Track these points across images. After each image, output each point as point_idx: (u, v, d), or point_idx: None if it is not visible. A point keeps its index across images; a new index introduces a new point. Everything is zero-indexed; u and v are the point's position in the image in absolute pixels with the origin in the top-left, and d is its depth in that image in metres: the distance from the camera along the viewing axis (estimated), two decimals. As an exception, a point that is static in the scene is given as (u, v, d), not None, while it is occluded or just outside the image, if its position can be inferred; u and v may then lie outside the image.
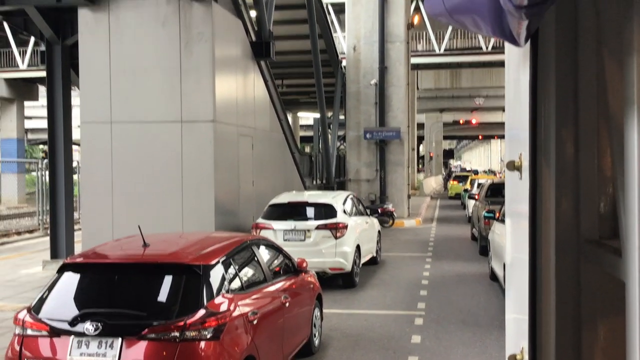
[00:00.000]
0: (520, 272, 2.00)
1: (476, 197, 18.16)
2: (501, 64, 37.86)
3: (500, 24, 1.49)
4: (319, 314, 7.34)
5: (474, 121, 51.66)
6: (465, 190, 27.40)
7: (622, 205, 1.53)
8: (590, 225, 1.77)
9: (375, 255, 13.02)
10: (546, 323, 1.84)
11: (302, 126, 47.98)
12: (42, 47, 13.37)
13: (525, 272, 1.87)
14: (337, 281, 10.92)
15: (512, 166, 2.02)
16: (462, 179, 38.25)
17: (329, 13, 29.21)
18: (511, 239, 2.33)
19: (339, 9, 29.55)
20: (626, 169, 1.46)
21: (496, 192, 16.20)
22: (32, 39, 29.44)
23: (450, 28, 32.74)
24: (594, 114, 1.76)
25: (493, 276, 11.00)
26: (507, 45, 2.24)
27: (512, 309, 2.28)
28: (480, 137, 74.59)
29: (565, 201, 1.78)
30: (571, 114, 1.77)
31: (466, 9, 1.60)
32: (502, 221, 10.34)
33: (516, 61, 2.03)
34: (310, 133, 43.00)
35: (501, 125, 56.15)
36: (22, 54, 32.69)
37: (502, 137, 68.91)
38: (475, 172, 52.51)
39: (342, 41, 28.09)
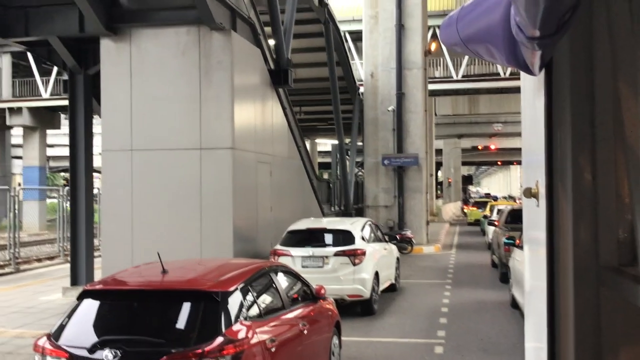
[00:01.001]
0: (539, 300, 1.98)
1: (496, 223, 18.00)
2: (519, 90, 37.83)
3: (514, 53, 1.50)
4: (337, 341, 7.28)
5: (492, 147, 51.44)
6: (485, 217, 27.18)
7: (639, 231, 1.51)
8: (609, 252, 1.75)
9: (394, 282, 12.92)
10: (565, 352, 1.81)
11: (320, 152, 48.15)
12: (65, 77, 13.64)
13: (544, 299, 1.85)
14: (356, 308, 10.83)
15: (529, 193, 2.02)
16: (481, 205, 37.96)
17: (347, 41, 29.50)
18: (529, 266, 2.31)
19: (357, 37, 29.83)
20: None
21: (516, 218, 16.03)
22: (55, 69, 30.06)
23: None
24: (610, 140, 1.75)
25: (514, 304, 10.84)
26: (523, 73, 2.25)
27: (532, 337, 2.25)
28: (499, 162, 74.16)
29: (583, 228, 1.77)
30: (588, 140, 1.77)
31: (481, 39, 1.62)
32: (523, 248, 10.23)
33: (531, 89, 2.04)
34: (328, 159, 43.10)
35: (520, 151, 55.73)
36: (45, 83, 33.36)
37: (521, 163, 68.55)
38: (495, 198, 52.11)
39: (360, 68, 28.29)
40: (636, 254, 1.66)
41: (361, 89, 24.63)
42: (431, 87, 30.20)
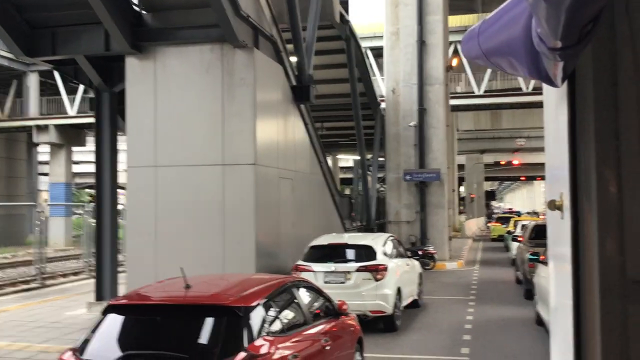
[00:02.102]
0: (564, 315, 1.97)
1: (520, 239, 17.81)
2: (542, 104, 37.54)
3: (536, 65, 1.51)
4: (360, 357, 7.24)
5: (515, 162, 50.99)
6: (509, 232, 26.89)
7: None
8: (636, 266, 1.73)
9: (417, 298, 12.83)
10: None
11: (341, 168, 48.15)
12: (91, 94, 13.87)
13: (569, 314, 1.84)
14: (378, 324, 10.77)
15: (553, 205, 2.01)
16: (504, 220, 37.57)
17: (368, 57, 29.60)
18: (554, 281, 2.29)
19: (378, 53, 29.92)
20: None
21: (540, 234, 15.83)
22: (81, 87, 30.59)
23: (489, 69, 32.74)
24: (636, 151, 1.74)
25: (539, 321, 10.69)
26: (545, 86, 2.25)
27: (558, 354, 2.22)
28: (522, 178, 73.46)
29: (609, 241, 1.76)
30: (612, 152, 1.76)
31: (502, 52, 1.63)
32: (547, 264, 10.10)
33: (554, 101, 2.04)
34: (350, 175, 43.09)
35: (543, 165, 55.19)
36: (71, 102, 33.95)
37: (544, 178, 67.83)
38: (518, 214, 51.54)
39: (381, 84, 28.34)
40: None
41: (382, 105, 24.67)
42: (453, 102, 30.13)
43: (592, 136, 1.77)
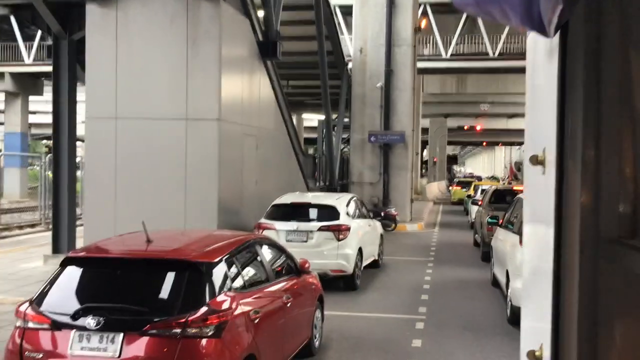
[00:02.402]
0: (542, 268, 1.98)
1: (479, 203, 18.12)
2: (507, 70, 37.79)
3: (530, 13, 1.47)
4: (320, 315, 7.31)
5: (478, 127, 51.57)
6: (469, 196, 27.35)
7: None
8: (611, 224, 1.74)
9: (377, 258, 12.98)
10: (569, 320, 1.81)
11: (306, 128, 47.93)
12: (49, 42, 13.39)
13: (548, 268, 1.84)
14: (339, 283, 10.88)
15: (535, 160, 1.99)
16: (465, 184, 38.18)
17: (337, 15, 29.22)
18: (532, 239, 2.29)
19: (347, 11, 29.55)
20: None
21: (500, 198, 16.15)
22: (39, 33, 29.50)
23: (457, 33, 32.71)
24: (618, 110, 1.73)
25: (495, 282, 10.96)
26: (531, 39, 2.21)
27: (530, 308, 2.25)
28: (484, 143, 74.48)
29: (589, 199, 1.75)
30: (597, 109, 1.74)
31: None
32: (506, 227, 10.30)
33: (543, 54, 2.00)
34: (314, 135, 43.00)
35: (506, 132, 56.02)
36: (28, 49, 32.74)
37: (506, 144, 68.83)
38: (479, 179, 52.41)
39: (349, 43, 28.08)
40: (637, 227, 1.65)
41: (350, 65, 24.48)
42: (420, 65, 30.08)
43: (580, 90, 1.75)
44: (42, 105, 44.69)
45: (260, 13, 14.51)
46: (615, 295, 1.71)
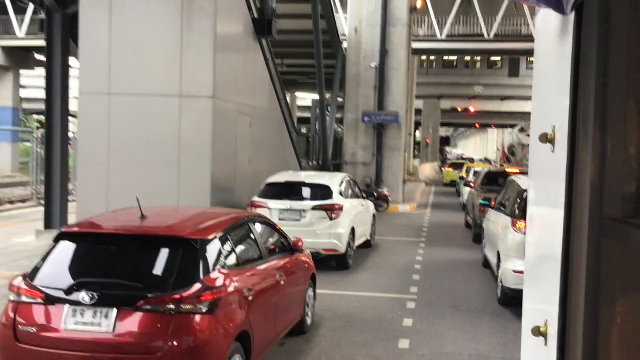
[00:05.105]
0: (550, 248, 1.99)
1: (472, 184, 18.19)
2: (503, 52, 37.66)
3: None
4: (312, 293, 7.36)
5: (471, 109, 51.57)
6: (461, 178, 27.44)
7: None
8: (615, 203, 1.76)
9: (369, 238, 13.04)
10: (576, 297, 1.83)
11: (300, 107, 47.81)
12: (41, 16, 13.23)
13: (557, 247, 1.86)
14: (331, 262, 10.94)
15: (545, 138, 1.99)
16: (457, 166, 38.28)
17: (332, -6, 28.95)
18: (537, 212, 2.30)
19: (342, -10, 29.32)
20: None
21: (492, 180, 16.21)
22: (31, 7, 29.12)
23: (453, 14, 32.53)
24: (624, 90, 1.74)
25: (486, 263, 11.04)
26: (541, 18, 2.20)
27: (535, 288, 2.28)
28: (477, 125, 74.53)
29: (596, 177, 1.77)
30: (606, 89, 1.75)
31: None
32: (498, 209, 10.36)
33: (553, 32, 2.00)
34: (308, 114, 42.89)
35: (499, 114, 56.04)
36: (20, 22, 32.33)
37: (499, 126, 68.85)
38: (472, 160, 52.55)
39: (344, 23, 27.90)
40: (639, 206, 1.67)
41: (345, 44, 24.34)
42: (415, 45, 29.98)
43: (593, 69, 1.75)
44: (33, 80, 44.28)
45: (256, -10, 14.37)
46: (620, 273, 1.74)
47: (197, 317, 4.56)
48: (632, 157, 1.73)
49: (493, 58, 47.69)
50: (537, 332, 2.06)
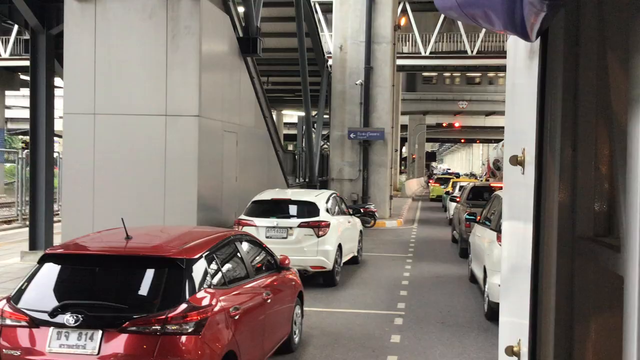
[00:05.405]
0: (520, 265, 2.03)
1: (457, 199, 18.29)
2: (486, 68, 38.06)
3: (512, 18, 1.50)
4: (299, 311, 7.35)
5: (456, 125, 51.95)
6: (447, 193, 27.56)
7: (622, 202, 1.54)
8: (586, 222, 1.79)
9: (356, 254, 13.06)
10: (546, 316, 1.86)
11: (286, 124, 47.93)
12: (26, 36, 13.22)
13: (526, 265, 1.89)
14: (318, 279, 10.93)
15: (515, 161, 2.03)
16: (443, 181, 38.46)
17: (317, 12, 29.20)
18: (510, 230, 2.34)
19: (327, 9, 29.56)
20: (630, 166, 1.46)
21: (478, 195, 16.32)
22: (16, 27, 29.05)
23: (436, 31, 32.90)
24: (593, 111, 1.78)
25: (473, 278, 11.08)
26: (512, 43, 2.26)
27: (509, 304, 2.30)
28: (462, 140, 75.05)
29: (566, 198, 1.81)
30: (575, 111, 1.80)
31: (478, 3, 1.60)
32: (483, 224, 10.42)
33: (524, 57, 2.05)
34: (294, 131, 42.96)
35: (483, 129, 56.52)
36: (5, 43, 32.25)
37: (484, 141, 69.37)
38: (457, 175, 52.82)
39: (329, 40, 28.11)
40: (611, 224, 1.70)
41: (330, 62, 24.51)
42: (399, 62, 30.23)
43: (559, 93, 1.80)
44: (18, 100, 44.05)
45: (241, 9, 14.47)
46: (593, 292, 1.77)
47: (183, 338, 4.54)
48: (603, 176, 1.77)
49: (476, 74, 48.18)
50: (510, 351, 2.08)
